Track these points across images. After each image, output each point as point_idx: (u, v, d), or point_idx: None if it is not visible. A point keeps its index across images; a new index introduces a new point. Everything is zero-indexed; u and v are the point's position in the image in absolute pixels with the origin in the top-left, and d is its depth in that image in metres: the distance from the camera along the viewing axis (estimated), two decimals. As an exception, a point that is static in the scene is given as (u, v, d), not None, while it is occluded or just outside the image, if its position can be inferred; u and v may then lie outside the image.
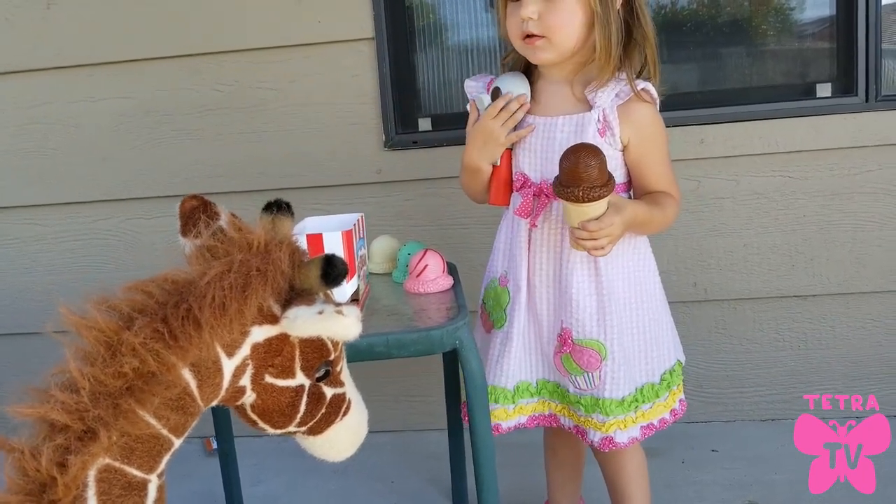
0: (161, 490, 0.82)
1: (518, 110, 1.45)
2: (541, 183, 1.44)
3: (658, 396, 1.51)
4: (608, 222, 1.30)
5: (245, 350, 0.86)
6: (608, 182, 1.28)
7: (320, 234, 1.34)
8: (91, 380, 0.75)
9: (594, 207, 1.29)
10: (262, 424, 0.94)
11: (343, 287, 1.32)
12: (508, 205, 1.53)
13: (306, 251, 0.94)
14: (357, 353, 1.22)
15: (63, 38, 2.24)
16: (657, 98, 1.44)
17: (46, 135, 2.32)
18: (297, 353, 0.90)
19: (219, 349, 0.84)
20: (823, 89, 2.13)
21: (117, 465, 0.77)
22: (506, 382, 1.51)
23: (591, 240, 1.32)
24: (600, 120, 1.40)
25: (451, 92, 2.29)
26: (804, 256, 2.19)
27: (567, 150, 1.29)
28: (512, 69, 1.53)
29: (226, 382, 0.86)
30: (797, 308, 2.23)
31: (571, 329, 1.45)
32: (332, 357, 0.95)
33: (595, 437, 1.46)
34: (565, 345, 1.46)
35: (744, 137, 2.12)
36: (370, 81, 2.20)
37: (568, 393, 1.49)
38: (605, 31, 1.37)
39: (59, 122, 2.31)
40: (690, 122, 2.12)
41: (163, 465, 0.82)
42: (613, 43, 1.37)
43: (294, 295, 0.88)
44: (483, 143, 1.48)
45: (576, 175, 1.26)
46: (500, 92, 1.47)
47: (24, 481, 0.73)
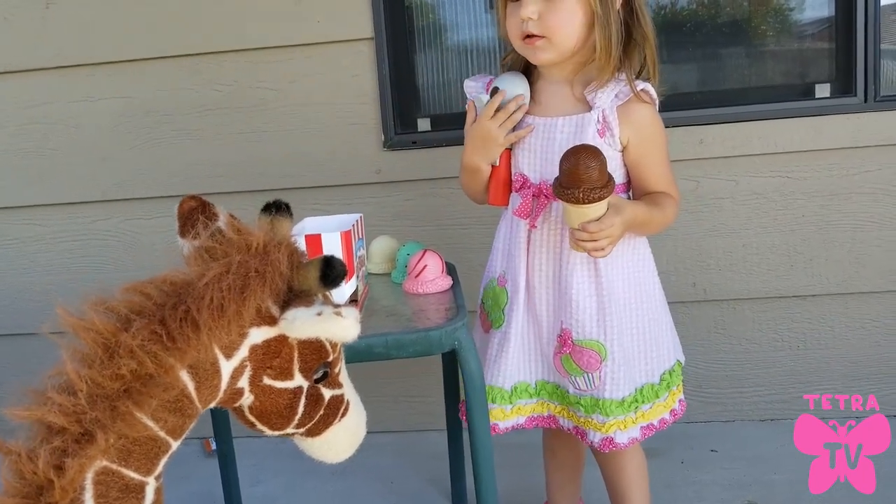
0: (159, 492, 0.82)
1: (517, 111, 1.45)
2: (540, 183, 1.44)
3: (658, 397, 1.51)
4: (608, 223, 1.30)
5: (243, 352, 0.86)
6: (608, 183, 1.28)
7: (319, 235, 1.34)
8: (88, 382, 0.74)
9: (594, 209, 1.29)
10: (260, 426, 0.94)
11: (342, 288, 1.32)
12: (507, 205, 1.53)
13: (305, 252, 0.93)
14: (356, 353, 1.22)
15: (62, 37, 2.24)
16: (656, 98, 1.44)
17: (46, 135, 2.32)
18: (295, 354, 0.90)
19: (217, 351, 0.83)
20: (822, 90, 2.13)
21: (115, 467, 0.76)
22: (503, 383, 1.51)
23: (591, 241, 1.32)
24: (600, 120, 1.40)
25: (450, 92, 2.29)
26: (803, 257, 2.19)
27: (567, 151, 1.28)
28: (511, 69, 1.52)
29: (224, 384, 0.86)
30: (796, 308, 2.23)
31: (571, 330, 1.45)
32: (330, 358, 0.94)
33: (595, 437, 1.46)
34: (565, 345, 1.46)
35: (743, 138, 2.12)
36: (370, 82, 2.19)
37: (567, 394, 1.49)
38: (605, 31, 1.36)
39: (58, 122, 2.30)
40: (690, 123, 2.11)
41: (160, 468, 0.82)
42: (613, 43, 1.37)
43: (293, 296, 0.87)
44: (481, 143, 1.48)
45: (576, 176, 1.26)
46: (502, 93, 1.46)
47: (21, 484, 0.72)
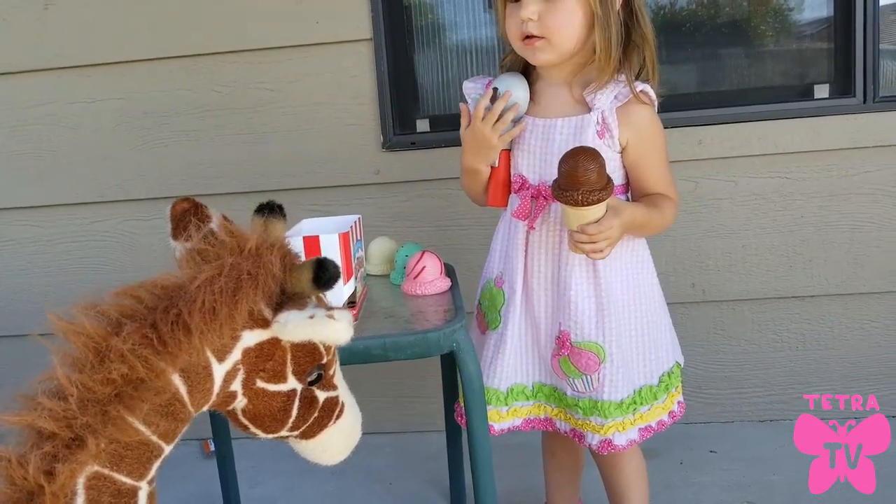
0: (152, 497, 0.82)
1: (508, 112, 1.43)
2: (539, 185, 1.44)
3: (656, 398, 1.50)
4: (607, 225, 1.30)
5: (236, 355, 0.86)
6: (607, 185, 1.28)
7: (317, 237, 1.34)
8: (79, 386, 0.74)
9: (593, 211, 1.29)
10: (253, 429, 0.93)
11: (340, 289, 1.32)
12: (506, 206, 1.52)
13: (298, 254, 0.93)
14: (354, 355, 1.22)
15: (61, 38, 2.24)
16: (656, 100, 1.44)
17: (44, 136, 2.31)
18: (288, 357, 0.89)
19: (209, 354, 0.83)
20: (821, 90, 2.13)
21: (106, 472, 0.76)
22: (499, 384, 1.50)
23: (590, 243, 1.31)
24: (599, 122, 1.40)
25: (449, 93, 2.29)
26: (802, 257, 2.18)
27: (566, 153, 1.28)
28: (511, 70, 1.52)
29: (216, 388, 0.85)
30: (795, 309, 2.22)
31: (570, 331, 1.44)
32: (324, 361, 0.94)
33: (593, 440, 1.45)
34: (563, 347, 1.45)
35: (742, 138, 2.12)
36: (368, 82, 2.19)
37: (565, 396, 1.48)
38: (605, 32, 1.36)
39: (57, 122, 2.30)
40: (688, 124, 2.11)
41: (153, 472, 0.82)
42: (613, 44, 1.37)
43: (285, 299, 0.87)
44: (476, 146, 1.47)
45: (574, 179, 1.25)
46: (499, 93, 1.45)
47: (12, 490, 0.72)
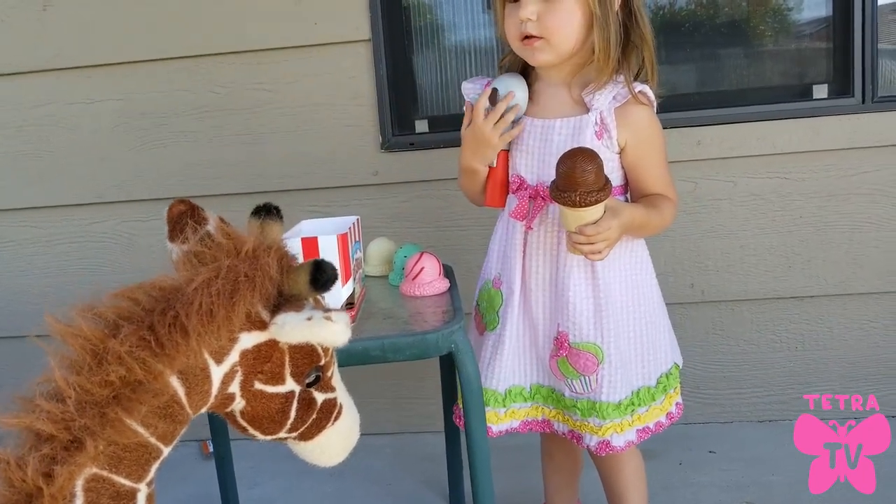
0: (151, 499, 0.82)
1: (508, 112, 1.43)
2: (537, 185, 1.43)
3: (654, 400, 1.50)
4: (605, 226, 1.30)
5: (234, 357, 0.86)
6: (605, 186, 1.28)
7: (315, 238, 1.34)
8: (77, 389, 0.74)
9: (591, 212, 1.29)
10: (252, 431, 0.93)
11: (338, 290, 1.32)
12: (504, 206, 1.52)
13: (295, 256, 0.93)
14: (352, 357, 1.22)
15: (60, 39, 2.24)
16: (654, 100, 1.44)
17: (43, 137, 2.32)
18: (286, 359, 0.89)
19: (207, 356, 0.83)
20: (820, 90, 2.13)
21: (105, 474, 0.76)
22: (497, 385, 1.50)
23: (589, 244, 1.31)
24: (598, 122, 1.40)
25: (448, 94, 2.29)
26: (801, 258, 2.18)
27: (563, 154, 1.28)
28: (510, 71, 1.51)
29: (215, 389, 0.85)
30: (794, 309, 2.22)
31: (568, 332, 1.44)
32: (322, 362, 0.94)
33: (591, 441, 1.45)
34: (562, 348, 1.45)
35: (741, 139, 2.12)
36: (367, 83, 2.19)
37: (563, 397, 1.48)
38: (604, 32, 1.36)
39: (55, 123, 2.31)
40: (687, 124, 2.11)
41: (152, 474, 0.82)
42: (612, 45, 1.37)
43: (283, 301, 0.87)
44: (476, 145, 1.47)
45: (572, 180, 1.25)
46: (498, 93, 1.45)
47: (10, 492, 0.72)
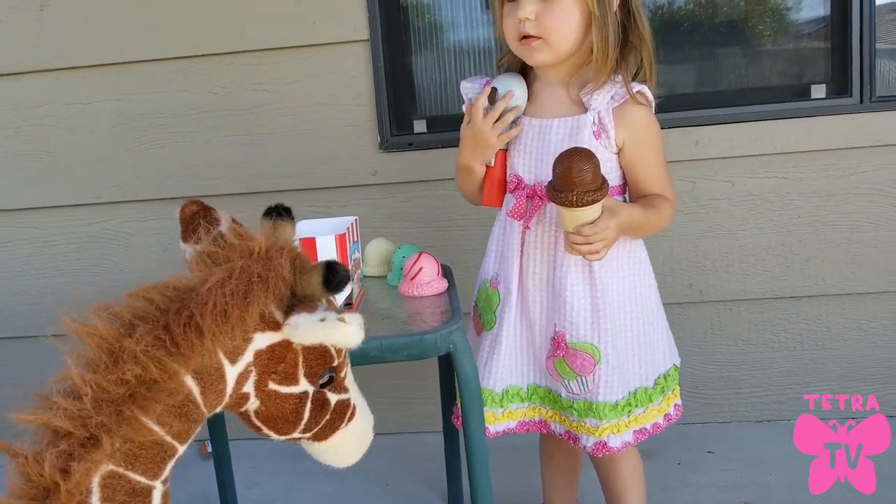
0: (166, 497, 0.82)
1: (508, 112, 1.43)
2: (535, 185, 1.43)
3: (651, 401, 1.50)
4: (603, 226, 1.29)
5: (248, 357, 0.86)
6: (602, 186, 1.27)
7: (314, 238, 1.34)
8: (93, 387, 0.75)
9: (588, 212, 1.28)
10: (266, 431, 0.94)
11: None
12: (501, 206, 1.52)
13: (308, 257, 0.93)
14: (351, 357, 1.21)
15: (58, 39, 2.23)
16: (653, 101, 1.44)
17: (42, 137, 2.31)
18: (300, 359, 0.90)
19: (221, 356, 0.83)
20: (818, 90, 2.13)
21: (121, 471, 0.77)
22: (493, 385, 1.50)
23: (586, 244, 1.31)
24: (595, 122, 1.40)
25: (446, 93, 2.29)
26: (800, 257, 2.19)
27: (560, 154, 1.27)
28: (508, 71, 1.52)
29: (229, 389, 0.86)
30: (793, 309, 2.23)
31: (565, 332, 1.44)
32: (335, 363, 0.94)
33: (588, 442, 1.45)
34: (558, 348, 1.44)
35: (739, 139, 2.13)
36: (365, 83, 2.19)
37: (560, 398, 1.48)
38: (602, 32, 1.36)
39: (54, 124, 2.30)
40: (686, 124, 2.12)
41: (167, 472, 0.82)
42: (610, 45, 1.37)
43: (296, 301, 0.87)
44: (474, 144, 1.47)
45: (569, 180, 1.25)
46: (497, 93, 1.45)
47: (28, 486, 0.73)
